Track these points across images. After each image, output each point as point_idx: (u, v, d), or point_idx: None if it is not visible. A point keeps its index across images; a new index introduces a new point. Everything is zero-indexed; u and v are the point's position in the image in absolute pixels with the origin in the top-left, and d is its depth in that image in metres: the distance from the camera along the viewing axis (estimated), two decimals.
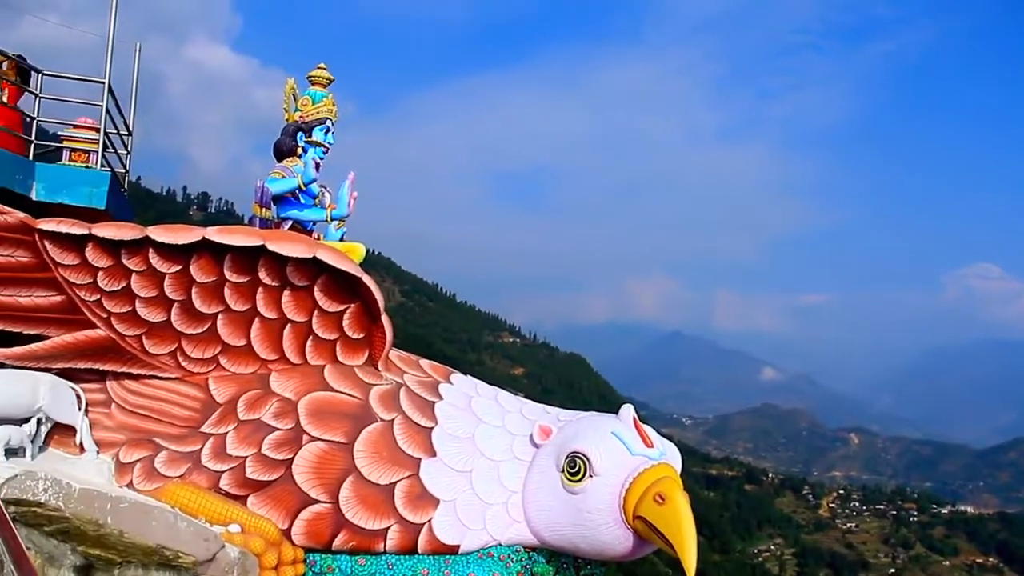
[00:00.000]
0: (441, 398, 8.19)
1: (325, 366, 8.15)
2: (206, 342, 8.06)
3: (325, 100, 10.15)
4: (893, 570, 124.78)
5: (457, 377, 8.65)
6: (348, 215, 10.04)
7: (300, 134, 9.95)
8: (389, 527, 7.60)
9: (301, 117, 10.06)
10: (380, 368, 8.25)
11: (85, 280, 7.82)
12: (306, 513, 7.65)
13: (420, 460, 7.78)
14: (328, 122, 10.10)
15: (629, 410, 7.77)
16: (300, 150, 9.92)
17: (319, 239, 9.64)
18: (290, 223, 9.75)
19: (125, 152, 12.30)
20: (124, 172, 12.34)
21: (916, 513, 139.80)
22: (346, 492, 7.62)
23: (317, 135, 10.01)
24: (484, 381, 8.92)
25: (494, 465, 7.93)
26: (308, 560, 7.72)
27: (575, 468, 7.48)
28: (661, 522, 7.10)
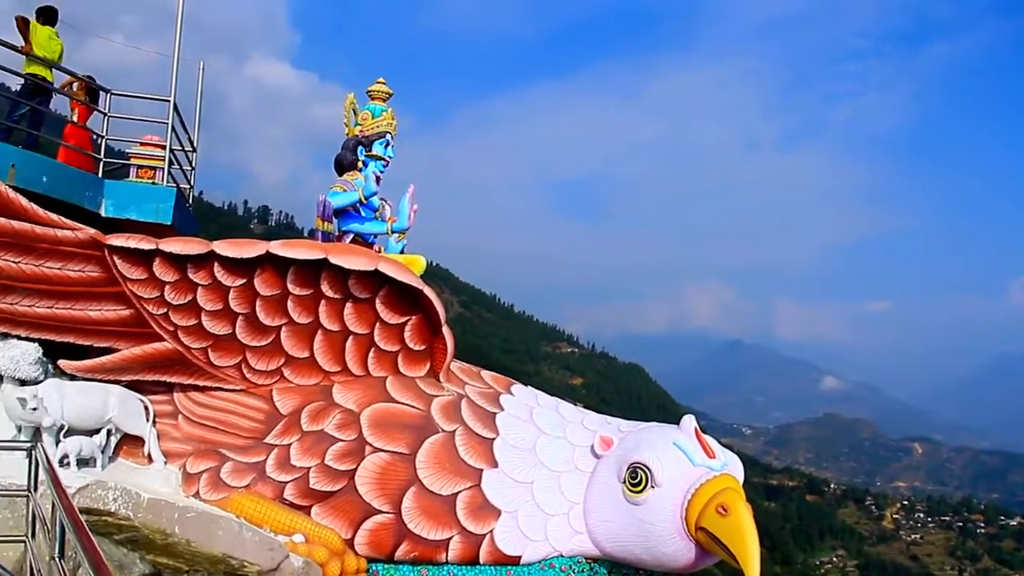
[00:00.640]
0: (502, 409, 8.20)
1: (387, 377, 8.22)
2: (270, 354, 8.18)
3: (384, 114, 10.25)
4: None
5: (518, 388, 8.65)
6: (408, 227, 10.11)
7: (360, 148, 10.04)
8: (451, 537, 7.63)
9: (361, 131, 10.15)
10: (441, 379, 8.30)
11: (153, 294, 7.99)
12: (369, 523, 7.71)
13: (482, 471, 7.80)
14: (388, 136, 10.19)
15: (691, 421, 7.71)
16: (361, 164, 10.01)
17: (380, 252, 9.71)
18: (351, 236, 9.83)
19: (190, 168, 12.52)
20: (189, 188, 12.56)
21: (983, 525, 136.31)
22: (408, 503, 7.66)
23: (377, 149, 10.10)
24: (543, 392, 8.92)
25: (555, 476, 7.92)
26: (371, 570, 7.77)
27: (637, 479, 7.44)
28: (724, 534, 7.04)
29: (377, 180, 9.99)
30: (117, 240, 7.87)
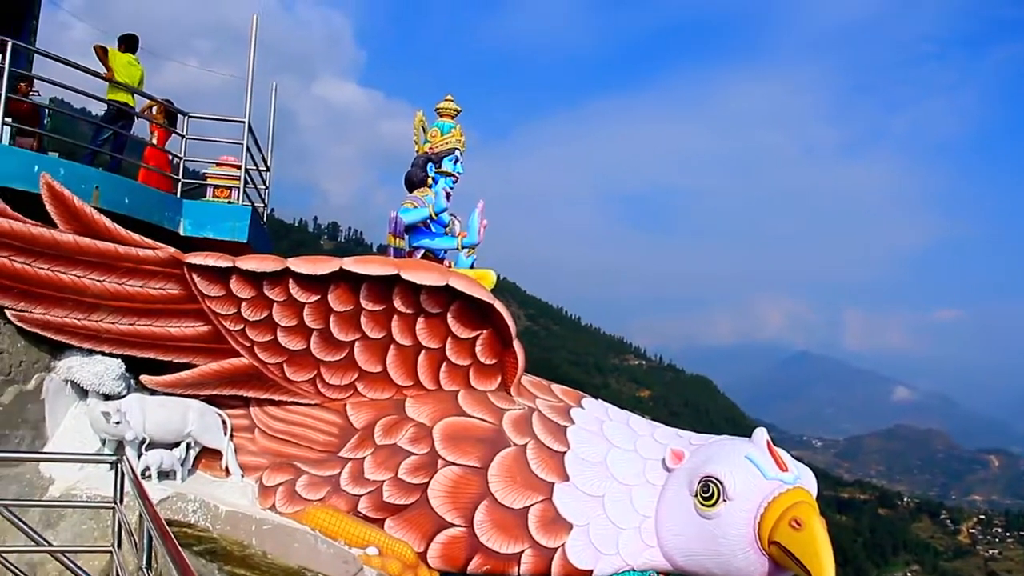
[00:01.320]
0: (573, 422, 8.21)
1: (459, 391, 8.30)
2: (344, 369, 8.32)
3: (453, 131, 10.34)
4: None
5: (588, 401, 8.65)
6: (479, 243, 10.17)
7: (430, 165, 10.14)
8: (523, 551, 7.66)
9: (431, 148, 10.25)
10: (512, 393, 8.34)
11: (230, 311, 8.18)
12: (442, 536, 7.79)
13: (553, 484, 7.82)
14: (457, 152, 10.26)
15: (762, 433, 7.65)
16: (431, 180, 10.11)
17: (450, 267, 9.79)
18: (422, 252, 9.93)
19: (264, 187, 12.74)
20: (263, 206, 12.78)
21: None
22: (481, 516, 7.72)
23: (447, 165, 10.19)
24: (611, 404, 8.91)
25: (627, 489, 7.91)
26: None
27: (708, 492, 7.40)
28: (798, 548, 6.97)
29: (447, 196, 10.08)
30: (196, 258, 8.08)
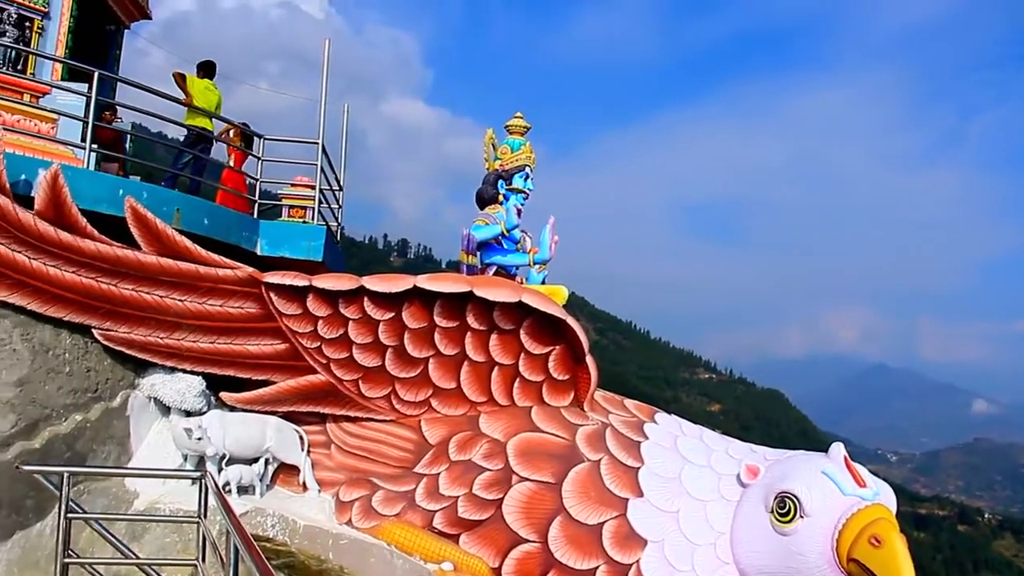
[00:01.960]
0: (647, 438, 8.17)
1: (532, 407, 8.33)
2: (418, 385, 8.42)
3: (523, 148, 10.41)
4: None
5: (662, 416, 8.61)
6: (550, 259, 10.21)
7: (501, 182, 10.22)
8: (597, 567, 7.61)
9: (501, 165, 10.33)
10: (586, 408, 8.34)
11: (307, 328, 8.34)
12: (516, 552, 7.79)
13: (627, 500, 7.78)
14: (527, 169, 10.33)
15: (839, 448, 7.53)
16: (501, 197, 10.19)
17: (522, 283, 9.84)
18: (494, 268, 10.00)
19: (337, 206, 12.94)
20: (336, 225, 12.98)
21: None
22: (555, 532, 7.71)
23: (517, 182, 10.26)
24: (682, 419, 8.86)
25: (701, 505, 7.82)
26: None
27: (785, 508, 7.29)
28: (878, 566, 6.82)
29: (518, 213, 10.15)
30: (273, 278, 8.26)
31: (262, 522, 7.83)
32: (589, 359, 8.23)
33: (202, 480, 6.71)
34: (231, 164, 11.81)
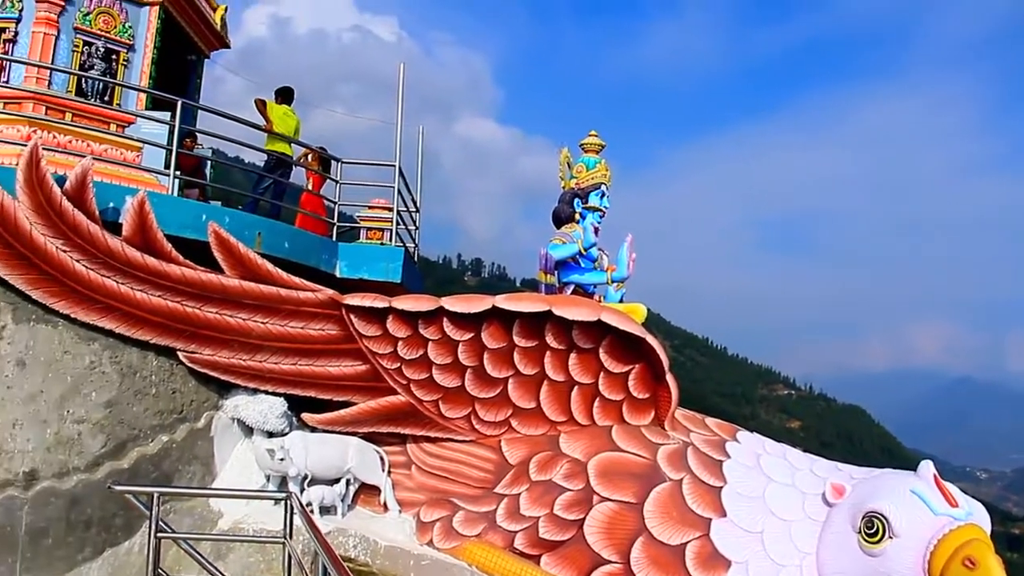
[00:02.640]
0: (729, 457, 8.02)
1: (612, 426, 8.24)
2: (498, 405, 8.41)
3: (599, 166, 10.37)
4: None
5: (744, 435, 8.46)
6: (628, 276, 10.13)
7: (577, 200, 10.19)
8: None
9: (577, 184, 10.29)
10: (666, 427, 8.23)
11: (387, 350, 8.41)
12: (598, 573, 7.68)
13: (710, 520, 7.64)
14: (603, 187, 10.28)
15: (929, 466, 7.31)
16: (578, 216, 10.15)
17: (600, 301, 9.77)
18: (572, 287, 9.96)
19: (414, 227, 13.03)
20: (414, 246, 13.06)
21: None
22: (637, 553, 7.59)
23: (593, 200, 10.21)
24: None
25: (786, 525, 7.64)
26: None
27: (873, 529, 7.08)
28: None
29: (595, 231, 10.10)
30: (354, 300, 8.36)
31: (344, 542, 7.89)
32: (670, 377, 8.12)
33: (287, 501, 6.76)
34: (310, 188, 11.97)
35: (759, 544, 7.56)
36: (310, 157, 12.03)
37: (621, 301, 9.98)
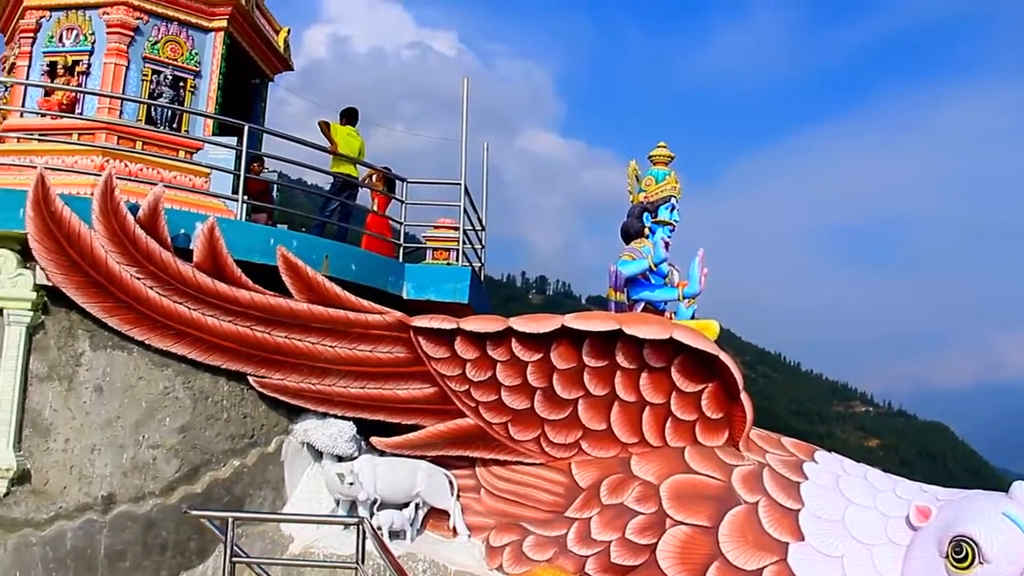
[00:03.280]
0: (806, 478, 7.80)
1: (685, 448, 8.07)
2: (568, 427, 8.29)
3: (668, 178, 10.25)
4: None
5: (821, 455, 8.22)
6: (700, 292, 9.97)
7: (646, 214, 10.07)
8: None
9: (646, 197, 10.18)
10: (741, 448, 8.03)
11: (455, 372, 8.34)
12: None
13: (788, 544, 7.42)
14: (673, 200, 10.16)
15: (1022, 487, 7.03)
16: (648, 230, 10.03)
17: (671, 318, 9.64)
18: (642, 304, 9.83)
19: (480, 246, 12.99)
20: (480, 265, 13.02)
21: None
22: None
23: (663, 214, 10.08)
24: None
25: (867, 549, 7.39)
26: None
27: (962, 554, 6.81)
28: None
29: (665, 246, 9.96)
30: (421, 321, 8.31)
31: (413, 567, 7.84)
32: (744, 396, 7.93)
33: (360, 525, 6.73)
34: (375, 209, 11.99)
35: (839, 569, 7.32)
36: (375, 178, 12.06)
37: (693, 318, 9.83)
